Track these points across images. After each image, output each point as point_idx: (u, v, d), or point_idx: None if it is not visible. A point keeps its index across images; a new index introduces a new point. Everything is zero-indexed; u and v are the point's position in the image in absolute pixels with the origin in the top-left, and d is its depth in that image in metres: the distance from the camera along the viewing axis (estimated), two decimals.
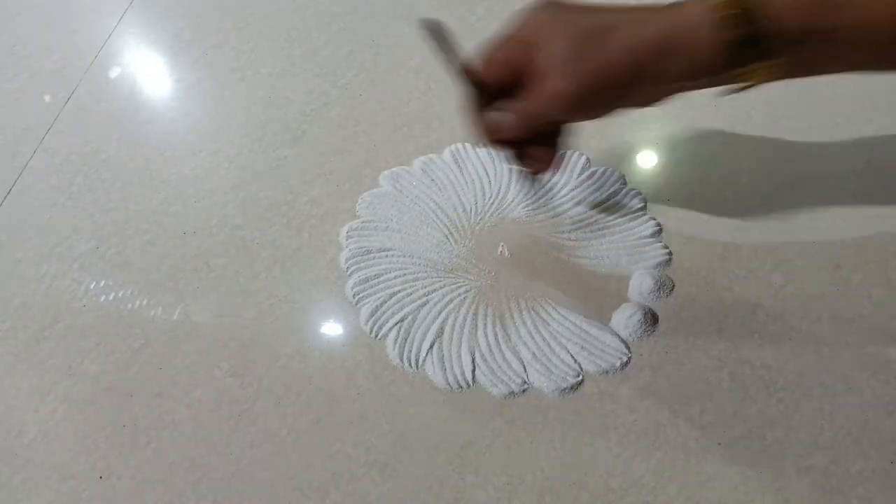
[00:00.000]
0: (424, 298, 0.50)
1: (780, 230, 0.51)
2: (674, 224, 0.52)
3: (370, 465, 0.44)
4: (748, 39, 0.34)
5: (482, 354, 0.47)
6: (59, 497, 0.44)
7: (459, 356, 0.47)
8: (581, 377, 0.45)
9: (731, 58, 0.35)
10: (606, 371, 0.46)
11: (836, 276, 0.48)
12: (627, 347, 0.46)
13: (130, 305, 0.52)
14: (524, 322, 0.48)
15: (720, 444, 0.43)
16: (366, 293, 0.50)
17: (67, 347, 0.51)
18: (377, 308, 0.49)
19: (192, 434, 0.46)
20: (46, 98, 0.67)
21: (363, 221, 0.54)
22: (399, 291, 0.50)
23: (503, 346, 0.47)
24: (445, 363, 0.47)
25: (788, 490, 0.41)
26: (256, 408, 0.47)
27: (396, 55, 0.66)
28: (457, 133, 0.58)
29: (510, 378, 0.46)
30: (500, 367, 0.46)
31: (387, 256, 0.52)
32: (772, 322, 0.47)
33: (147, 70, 0.69)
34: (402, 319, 0.49)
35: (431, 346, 0.47)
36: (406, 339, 0.48)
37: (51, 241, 0.57)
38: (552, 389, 0.45)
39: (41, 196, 0.60)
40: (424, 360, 0.47)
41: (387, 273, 0.51)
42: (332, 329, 0.50)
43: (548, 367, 0.46)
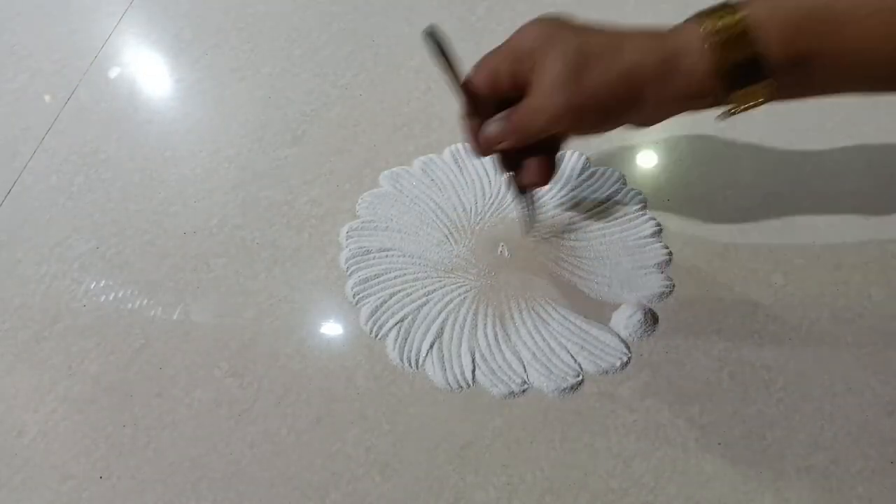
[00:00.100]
0: (424, 298, 0.50)
1: (780, 230, 0.51)
2: (674, 224, 0.52)
3: (370, 465, 0.44)
4: (746, 62, 0.34)
5: (482, 354, 0.47)
6: (59, 497, 0.44)
7: (459, 356, 0.47)
8: (581, 377, 0.45)
9: (730, 81, 0.35)
10: (606, 371, 0.45)
11: (836, 276, 0.48)
12: (627, 347, 0.46)
13: (130, 305, 0.52)
14: (524, 322, 0.48)
15: (720, 444, 0.43)
16: (366, 293, 0.50)
17: (67, 347, 0.51)
18: (377, 308, 0.49)
19: (192, 434, 0.46)
20: (46, 98, 0.67)
21: (363, 221, 0.54)
22: (399, 291, 0.50)
23: (503, 346, 0.47)
24: (445, 363, 0.47)
25: (788, 490, 0.41)
26: (256, 408, 0.47)
27: (396, 55, 0.66)
28: (457, 133, 0.58)
29: (510, 378, 0.46)
30: (500, 367, 0.46)
31: (387, 256, 0.52)
32: (772, 322, 0.47)
33: (147, 70, 0.69)
34: (402, 319, 0.49)
35: (431, 346, 0.47)
36: (406, 339, 0.48)
37: (51, 241, 0.57)
38: (552, 389, 0.45)
39: (41, 196, 0.60)
40: (424, 360, 0.47)
41: (387, 273, 0.51)
42: (332, 329, 0.50)
43: (548, 367, 0.46)
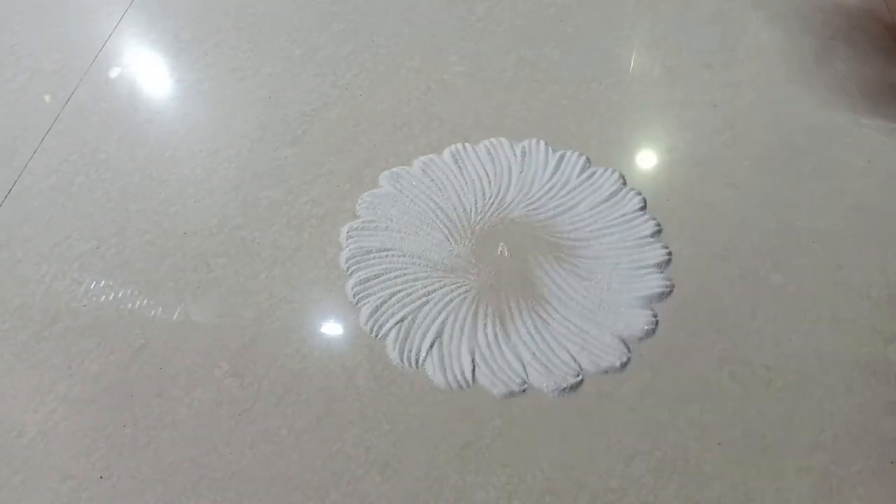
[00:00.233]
0: (424, 298, 0.50)
1: (780, 230, 0.51)
2: (674, 224, 0.52)
3: (370, 465, 0.44)
4: None
5: (482, 354, 0.47)
6: (59, 497, 0.44)
7: (459, 356, 0.47)
8: (581, 377, 0.45)
9: None
10: (606, 371, 0.45)
11: (836, 276, 0.48)
12: (627, 347, 0.46)
13: (130, 305, 0.52)
14: (524, 322, 0.48)
15: (720, 444, 0.43)
16: (366, 293, 0.50)
17: (67, 347, 0.51)
18: (377, 308, 0.49)
19: (192, 434, 0.46)
20: (46, 98, 0.67)
21: (363, 221, 0.54)
22: (399, 291, 0.50)
23: (503, 346, 0.47)
24: (445, 363, 0.47)
25: (788, 490, 0.41)
26: (256, 408, 0.47)
27: (396, 55, 0.66)
28: (457, 133, 0.58)
29: (510, 378, 0.46)
30: (500, 367, 0.46)
31: (387, 256, 0.52)
32: (772, 322, 0.47)
33: (147, 70, 0.69)
34: (402, 319, 0.49)
35: (431, 346, 0.47)
36: (406, 339, 0.48)
37: (51, 241, 0.57)
38: (552, 389, 0.45)
39: (41, 196, 0.60)
40: (424, 360, 0.47)
41: (387, 273, 0.51)
42: (332, 329, 0.50)
43: (548, 367, 0.46)
